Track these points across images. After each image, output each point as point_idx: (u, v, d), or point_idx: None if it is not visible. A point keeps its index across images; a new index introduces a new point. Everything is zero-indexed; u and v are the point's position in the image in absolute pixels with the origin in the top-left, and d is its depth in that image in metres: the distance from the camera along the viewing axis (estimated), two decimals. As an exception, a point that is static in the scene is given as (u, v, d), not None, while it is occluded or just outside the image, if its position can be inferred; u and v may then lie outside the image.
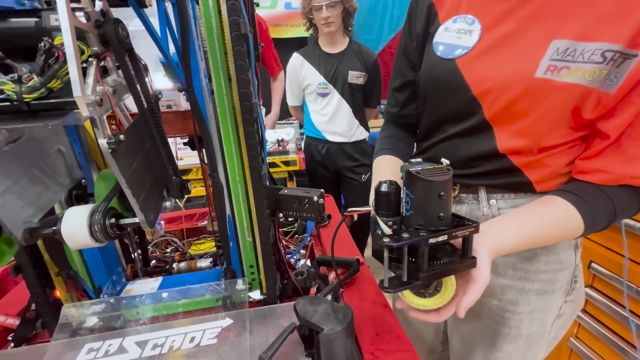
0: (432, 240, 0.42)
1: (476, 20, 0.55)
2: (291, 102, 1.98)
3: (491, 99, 0.54)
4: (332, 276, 0.75)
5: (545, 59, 0.48)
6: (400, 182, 0.46)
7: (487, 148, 0.57)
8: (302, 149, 1.99)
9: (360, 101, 1.83)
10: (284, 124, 2.25)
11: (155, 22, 0.52)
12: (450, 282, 0.46)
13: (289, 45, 2.83)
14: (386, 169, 0.69)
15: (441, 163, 0.45)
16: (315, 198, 0.59)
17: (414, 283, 0.44)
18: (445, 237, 0.43)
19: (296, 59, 1.84)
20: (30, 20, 0.35)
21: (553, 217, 0.51)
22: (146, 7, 0.42)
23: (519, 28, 0.51)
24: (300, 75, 1.83)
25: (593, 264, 1.04)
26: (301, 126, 2.29)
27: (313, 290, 0.70)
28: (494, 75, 0.52)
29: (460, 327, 0.72)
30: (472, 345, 0.70)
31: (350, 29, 1.78)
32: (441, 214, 0.43)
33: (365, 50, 1.78)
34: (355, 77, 1.75)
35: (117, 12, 0.46)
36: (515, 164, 0.56)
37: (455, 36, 0.57)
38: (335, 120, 1.81)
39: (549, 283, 0.61)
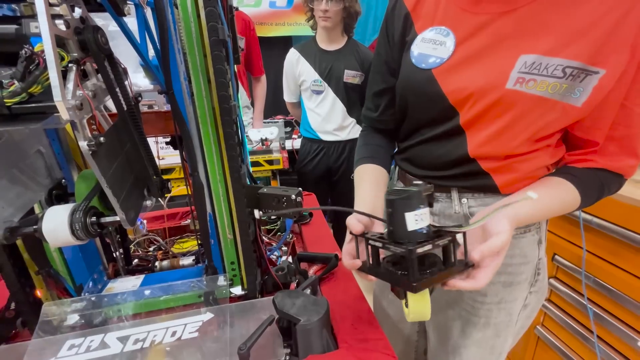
0: (420, 250, 0.43)
1: (450, 32, 0.58)
2: (287, 98, 1.95)
3: (467, 107, 0.57)
4: (312, 271, 0.78)
5: (515, 71, 0.52)
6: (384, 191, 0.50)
7: (459, 153, 0.61)
8: (298, 148, 1.96)
9: (356, 101, 1.80)
10: (268, 122, 2.25)
11: (134, 22, 0.53)
12: (411, 298, 0.47)
13: (273, 44, 2.83)
14: (368, 180, 0.71)
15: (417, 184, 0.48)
16: (293, 196, 0.62)
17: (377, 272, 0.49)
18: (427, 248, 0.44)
19: (292, 55, 1.80)
20: (11, 27, 0.36)
21: (555, 191, 0.57)
22: (124, 15, 0.44)
23: (491, 42, 0.55)
24: (295, 71, 1.80)
25: (556, 257, 1.11)
26: (286, 124, 2.30)
27: (293, 285, 0.73)
28: (469, 85, 0.56)
29: (435, 317, 0.76)
30: (445, 333, 0.75)
31: (351, 30, 1.75)
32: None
33: (363, 50, 1.76)
34: (351, 76, 1.72)
35: (98, 13, 0.47)
36: (484, 169, 0.60)
37: (431, 47, 0.60)
38: (329, 119, 1.79)
39: (515, 275, 0.66)
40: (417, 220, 0.45)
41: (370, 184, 0.69)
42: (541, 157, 0.59)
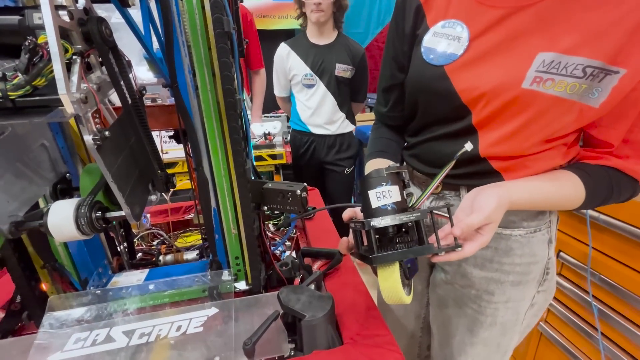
0: (375, 223, 0.45)
1: (464, 27, 0.56)
2: (278, 92, 1.96)
3: (481, 106, 0.56)
4: (316, 266, 0.78)
5: (532, 70, 0.50)
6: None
7: (470, 152, 0.58)
8: (288, 142, 1.99)
9: (347, 94, 1.83)
10: (270, 117, 2.24)
11: (138, 14, 0.52)
12: (379, 275, 0.48)
13: (276, 38, 2.79)
14: None
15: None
16: (299, 192, 0.61)
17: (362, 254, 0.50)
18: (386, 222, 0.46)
19: (283, 49, 1.82)
20: (14, 18, 0.35)
21: (559, 180, 0.56)
22: (129, 6, 0.43)
23: (507, 38, 0.52)
24: (286, 66, 1.81)
25: (562, 253, 1.10)
26: (288, 119, 2.29)
27: (297, 280, 0.73)
28: (483, 84, 0.54)
29: (441, 314, 0.76)
30: (451, 331, 0.74)
31: (340, 24, 1.77)
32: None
33: (353, 44, 1.78)
34: (343, 70, 1.74)
35: (100, 4, 0.46)
36: (495, 168, 0.59)
37: (444, 41, 0.57)
38: (319, 113, 1.81)
39: (523, 275, 0.64)
40: (379, 197, 0.46)
41: None
42: (554, 156, 0.58)
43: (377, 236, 0.48)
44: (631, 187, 0.57)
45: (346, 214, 0.56)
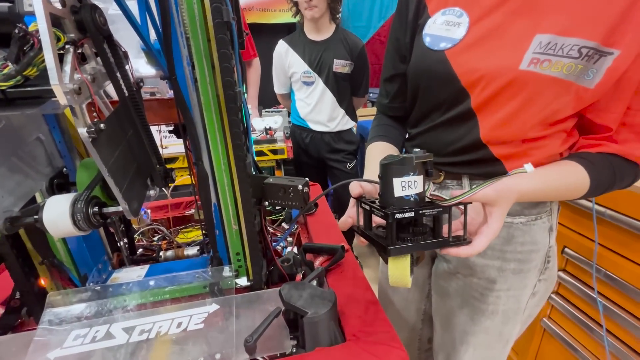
0: (399, 215, 0.44)
1: (464, 13, 0.57)
2: (278, 89, 1.96)
3: (479, 89, 0.56)
4: (318, 262, 0.77)
5: (529, 52, 0.51)
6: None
7: (471, 138, 0.60)
8: (289, 137, 1.99)
9: (347, 90, 1.81)
10: (272, 112, 2.22)
11: (134, 5, 0.51)
12: (390, 262, 0.48)
13: (276, 32, 2.77)
14: (378, 156, 0.70)
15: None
16: (300, 187, 0.60)
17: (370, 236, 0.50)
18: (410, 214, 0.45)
19: (281, 47, 1.80)
20: (3, 5, 0.34)
21: (563, 170, 0.56)
22: (124, -8, 0.41)
23: (505, 22, 0.54)
24: (285, 63, 1.80)
25: (566, 249, 1.09)
26: (289, 114, 2.28)
27: (299, 276, 0.72)
28: (482, 66, 0.55)
29: (443, 305, 0.76)
30: (453, 321, 0.74)
31: (337, 15, 1.74)
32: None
33: (351, 38, 1.75)
34: (341, 65, 1.72)
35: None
36: (495, 155, 0.60)
37: (444, 28, 0.59)
38: (318, 109, 1.80)
39: (524, 263, 0.65)
40: (404, 187, 0.45)
41: (380, 158, 0.68)
42: (554, 143, 0.58)
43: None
44: (632, 172, 0.57)
45: (355, 191, 0.53)
